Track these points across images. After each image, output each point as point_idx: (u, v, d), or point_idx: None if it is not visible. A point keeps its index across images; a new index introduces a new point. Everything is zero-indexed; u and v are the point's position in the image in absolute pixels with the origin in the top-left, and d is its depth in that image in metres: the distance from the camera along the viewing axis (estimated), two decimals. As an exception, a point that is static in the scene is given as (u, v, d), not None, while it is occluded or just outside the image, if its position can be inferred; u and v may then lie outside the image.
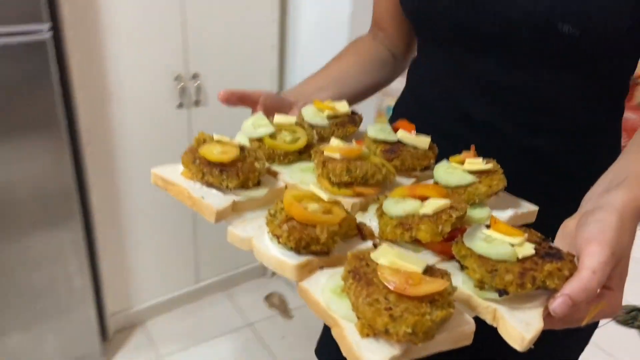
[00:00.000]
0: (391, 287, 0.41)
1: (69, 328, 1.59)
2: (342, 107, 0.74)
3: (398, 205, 0.54)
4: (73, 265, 1.51)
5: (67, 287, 1.53)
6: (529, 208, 0.62)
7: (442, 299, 0.42)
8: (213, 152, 0.58)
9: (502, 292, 0.46)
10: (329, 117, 0.73)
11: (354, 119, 0.75)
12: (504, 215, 0.60)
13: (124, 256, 1.75)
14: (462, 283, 0.49)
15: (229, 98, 0.72)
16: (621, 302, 0.49)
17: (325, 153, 0.60)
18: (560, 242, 0.52)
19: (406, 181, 0.66)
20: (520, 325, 0.45)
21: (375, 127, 0.69)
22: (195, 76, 1.62)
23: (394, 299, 0.41)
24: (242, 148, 0.61)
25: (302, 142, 0.65)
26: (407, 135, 0.67)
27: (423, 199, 0.54)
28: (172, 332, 1.89)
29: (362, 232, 0.54)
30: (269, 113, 0.73)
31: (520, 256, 0.47)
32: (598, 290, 0.47)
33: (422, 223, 0.51)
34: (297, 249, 0.50)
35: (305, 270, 0.50)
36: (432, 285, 0.41)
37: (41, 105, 1.29)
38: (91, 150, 1.50)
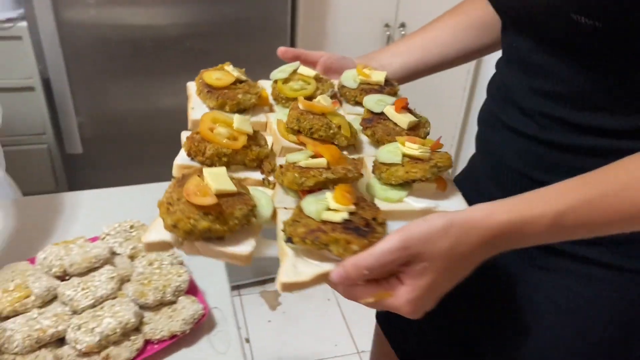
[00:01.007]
0: (183, 192, 0.51)
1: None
2: (378, 75, 0.78)
3: (297, 155, 0.59)
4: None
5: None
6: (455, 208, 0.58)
7: (217, 216, 0.50)
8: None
9: (289, 240, 0.50)
10: (362, 83, 0.78)
11: (385, 88, 0.78)
12: (418, 204, 0.58)
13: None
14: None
15: (284, 54, 0.79)
16: (415, 303, 0.48)
17: (299, 104, 0.68)
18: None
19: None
20: (290, 269, 0.49)
21: (374, 98, 0.72)
22: (402, 25, 1.74)
23: (182, 202, 0.51)
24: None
25: (303, 93, 0.74)
26: (392, 111, 0.68)
27: (319, 156, 0.58)
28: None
29: (262, 167, 0.62)
30: (331, 73, 0.81)
31: (323, 217, 0.49)
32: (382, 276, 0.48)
33: (289, 171, 0.56)
34: (189, 156, 0.61)
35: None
36: (202, 200, 0.49)
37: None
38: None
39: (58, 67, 1.34)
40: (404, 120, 0.68)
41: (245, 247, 0.52)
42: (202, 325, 0.74)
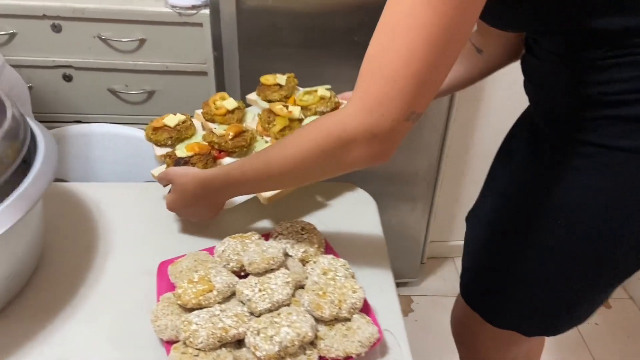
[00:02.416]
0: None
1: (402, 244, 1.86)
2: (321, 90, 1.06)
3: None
4: (422, 188, 1.79)
5: (411, 206, 1.80)
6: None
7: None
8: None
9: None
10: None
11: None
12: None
13: (459, 191, 1.94)
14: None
15: None
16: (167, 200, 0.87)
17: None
18: None
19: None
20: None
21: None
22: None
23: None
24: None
25: (304, 103, 1.05)
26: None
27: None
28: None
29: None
30: None
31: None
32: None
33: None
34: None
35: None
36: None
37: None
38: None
39: (232, 54, 1.38)
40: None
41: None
42: (375, 349, 0.70)
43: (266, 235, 0.86)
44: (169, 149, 0.97)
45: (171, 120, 0.97)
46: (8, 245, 0.70)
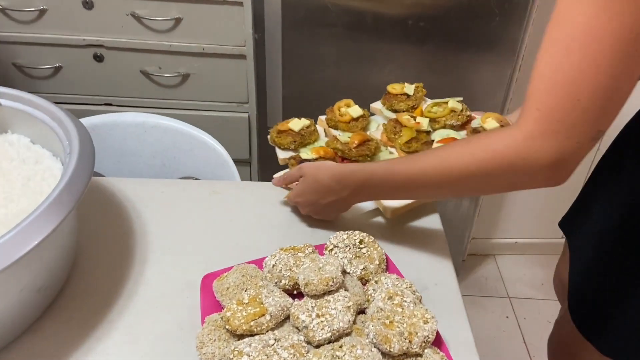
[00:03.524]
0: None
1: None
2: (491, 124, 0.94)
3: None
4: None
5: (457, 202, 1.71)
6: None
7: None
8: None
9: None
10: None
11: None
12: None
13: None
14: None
15: None
16: (295, 195, 0.83)
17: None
18: None
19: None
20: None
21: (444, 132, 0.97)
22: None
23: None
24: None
25: (432, 115, 1.00)
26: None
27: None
28: (518, 276, 1.92)
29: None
30: None
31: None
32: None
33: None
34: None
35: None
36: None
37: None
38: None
39: (275, 36, 1.28)
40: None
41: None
42: (450, 390, 0.61)
43: (319, 247, 0.77)
44: (292, 153, 0.96)
45: (296, 124, 0.97)
46: (40, 257, 0.62)
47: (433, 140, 0.95)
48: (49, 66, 1.40)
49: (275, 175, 0.92)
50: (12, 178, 0.73)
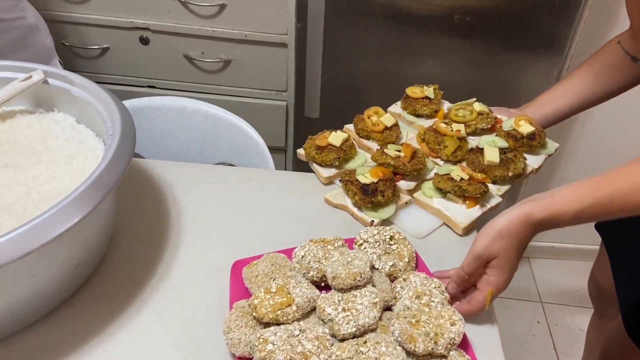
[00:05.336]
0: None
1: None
2: (526, 128, 0.94)
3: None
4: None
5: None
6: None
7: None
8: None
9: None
10: (512, 129, 0.95)
11: (525, 139, 0.94)
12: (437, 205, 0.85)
13: (547, 189, 1.76)
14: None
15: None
16: (506, 281, 0.68)
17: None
18: None
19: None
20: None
21: (489, 137, 0.95)
22: None
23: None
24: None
25: (461, 119, 0.98)
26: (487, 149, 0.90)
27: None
28: (552, 280, 1.88)
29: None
30: None
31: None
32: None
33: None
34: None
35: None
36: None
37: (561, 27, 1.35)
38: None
39: (317, 26, 1.27)
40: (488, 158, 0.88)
41: None
42: (473, 395, 0.61)
43: (349, 241, 0.77)
44: (334, 170, 0.91)
45: (336, 139, 0.90)
46: (79, 234, 0.64)
47: (478, 147, 0.92)
48: (96, 47, 1.44)
49: (326, 196, 0.86)
50: (57, 155, 0.76)
